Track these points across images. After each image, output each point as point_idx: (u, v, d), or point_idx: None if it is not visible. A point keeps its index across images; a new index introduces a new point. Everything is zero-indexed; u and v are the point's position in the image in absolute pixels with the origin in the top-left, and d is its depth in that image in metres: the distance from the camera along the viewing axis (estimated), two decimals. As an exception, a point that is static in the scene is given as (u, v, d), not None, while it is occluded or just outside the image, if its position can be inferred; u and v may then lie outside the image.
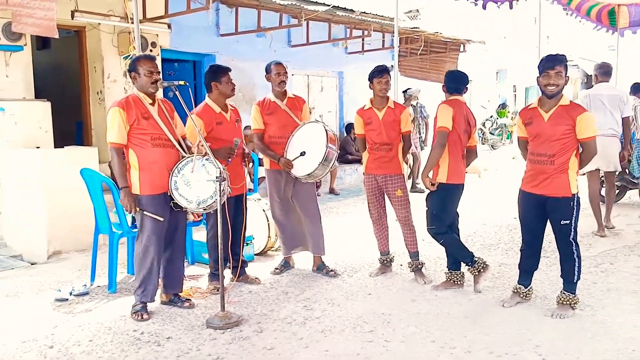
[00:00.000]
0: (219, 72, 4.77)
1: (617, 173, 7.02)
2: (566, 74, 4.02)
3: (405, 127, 5.02)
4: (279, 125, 5.11)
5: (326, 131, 4.93)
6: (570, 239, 4.09)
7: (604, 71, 6.56)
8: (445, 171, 4.56)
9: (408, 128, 5.04)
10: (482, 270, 4.66)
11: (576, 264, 4.12)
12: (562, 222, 4.08)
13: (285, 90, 5.18)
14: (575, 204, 4.07)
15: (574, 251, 4.11)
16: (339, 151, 5.09)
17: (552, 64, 3.99)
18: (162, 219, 4.20)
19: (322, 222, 5.27)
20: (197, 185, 4.16)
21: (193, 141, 4.58)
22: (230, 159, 4.63)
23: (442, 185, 4.58)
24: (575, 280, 4.14)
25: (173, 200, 4.20)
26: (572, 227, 4.08)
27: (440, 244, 4.70)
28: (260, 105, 5.15)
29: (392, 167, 5.02)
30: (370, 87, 5.04)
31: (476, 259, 4.66)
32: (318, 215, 5.24)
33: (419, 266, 5.10)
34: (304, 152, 4.92)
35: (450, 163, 4.56)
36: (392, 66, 5.22)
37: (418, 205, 5.13)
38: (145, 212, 4.18)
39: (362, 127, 5.11)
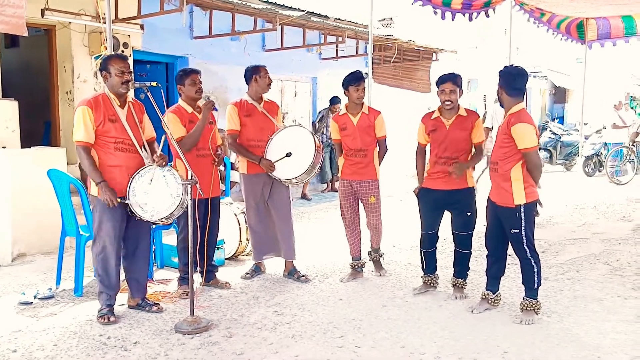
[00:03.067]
0: (183, 75, 4.77)
1: None
2: (499, 86, 4.19)
3: (380, 132, 5.03)
4: (256, 128, 5.06)
5: (313, 136, 4.95)
6: (524, 247, 4.14)
7: None
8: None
9: (383, 133, 5.05)
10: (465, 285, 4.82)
11: (535, 270, 4.17)
12: (512, 231, 4.15)
13: (261, 94, 5.17)
14: (522, 214, 4.09)
15: (530, 258, 4.16)
16: (323, 155, 5.11)
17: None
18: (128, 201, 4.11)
19: (293, 227, 5.25)
20: (155, 195, 4.09)
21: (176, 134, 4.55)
22: (216, 109, 4.65)
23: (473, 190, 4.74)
24: (535, 287, 4.20)
25: (129, 206, 4.14)
26: (523, 236, 4.12)
27: (470, 251, 4.76)
28: (238, 106, 5.07)
29: (368, 173, 5.03)
30: (345, 94, 5.03)
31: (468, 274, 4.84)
32: (291, 220, 5.22)
33: (378, 257, 5.24)
34: (290, 153, 4.90)
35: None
36: (366, 74, 5.22)
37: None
38: (127, 201, 4.09)
39: (337, 132, 5.11)
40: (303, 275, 5.23)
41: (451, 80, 4.56)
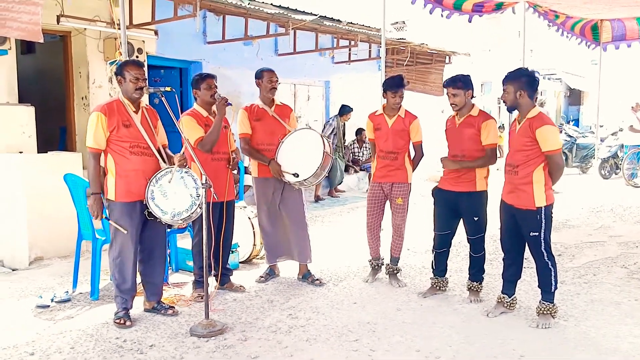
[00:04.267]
0: (199, 80, 4.81)
1: None
2: (518, 89, 4.10)
3: (415, 137, 5.02)
4: (266, 132, 5.09)
5: (322, 139, 4.94)
6: (542, 250, 4.12)
7: None
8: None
9: (419, 138, 5.02)
10: (481, 288, 4.79)
11: (552, 273, 4.14)
12: (531, 234, 4.13)
13: (273, 98, 5.19)
14: (542, 216, 4.08)
15: (547, 261, 4.14)
16: (332, 157, 5.09)
17: (502, 82, 4.17)
18: (125, 232, 4.15)
19: (308, 230, 5.26)
20: (174, 197, 4.13)
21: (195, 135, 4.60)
22: (230, 104, 4.70)
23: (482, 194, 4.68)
24: (552, 290, 4.17)
25: (148, 209, 4.17)
26: (542, 239, 4.10)
27: (482, 254, 4.73)
28: (248, 110, 5.13)
29: (399, 175, 5.03)
30: (383, 96, 5.05)
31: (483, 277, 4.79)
32: (305, 223, 5.22)
33: (395, 271, 5.19)
34: (297, 174, 4.92)
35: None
36: (408, 81, 5.20)
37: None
38: (110, 221, 4.15)
39: (372, 131, 5.14)
40: (317, 279, 5.22)
41: (451, 84, 4.59)
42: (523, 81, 4.10)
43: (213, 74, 4.89)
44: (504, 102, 4.24)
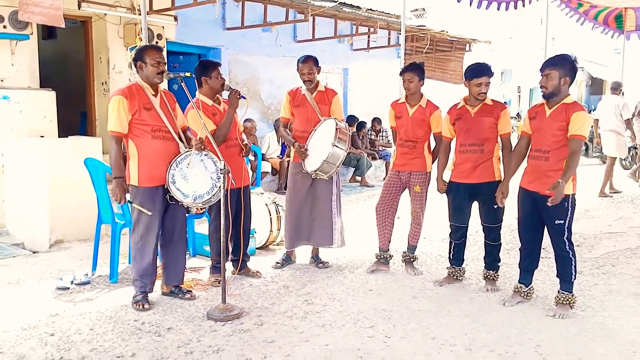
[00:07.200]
0: (209, 67, 4.76)
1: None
2: (563, 75, 4.01)
3: (436, 128, 4.98)
4: (302, 119, 5.15)
5: (335, 129, 4.92)
6: (565, 239, 4.09)
7: (613, 87, 9.55)
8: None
9: (439, 129, 4.96)
10: (497, 277, 4.77)
11: (572, 263, 4.11)
12: (556, 222, 4.08)
13: (317, 82, 5.20)
14: (570, 204, 4.05)
15: (569, 250, 4.11)
16: (348, 149, 5.03)
17: (543, 67, 4.07)
18: (150, 213, 4.17)
19: (335, 219, 5.23)
20: (195, 180, 4.16)
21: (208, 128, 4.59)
22: (243, 97, 4.71)
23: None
24: (571, 280, 4.14)
25: (169, 193, 4.20)
26: (566, 227, 4.07)
27: (499, 243, 4.72)
28: (291, 95, 5.22)
29: (417, 164, 5.01)
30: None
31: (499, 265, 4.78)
32: (330, 212, 5.21)
33: (412, 259, 5.19)
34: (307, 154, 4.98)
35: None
36: (422, 62, 5.18)
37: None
38: (134, 205, 4.18)
39: (393, 119, 5.14)
40: (322, 262, 5.33)
41: (488, 74, 4.52)
42: (568, 68, 4.03)
43: (219, 62, 4.90)
44: (543, 87, 4.07)
